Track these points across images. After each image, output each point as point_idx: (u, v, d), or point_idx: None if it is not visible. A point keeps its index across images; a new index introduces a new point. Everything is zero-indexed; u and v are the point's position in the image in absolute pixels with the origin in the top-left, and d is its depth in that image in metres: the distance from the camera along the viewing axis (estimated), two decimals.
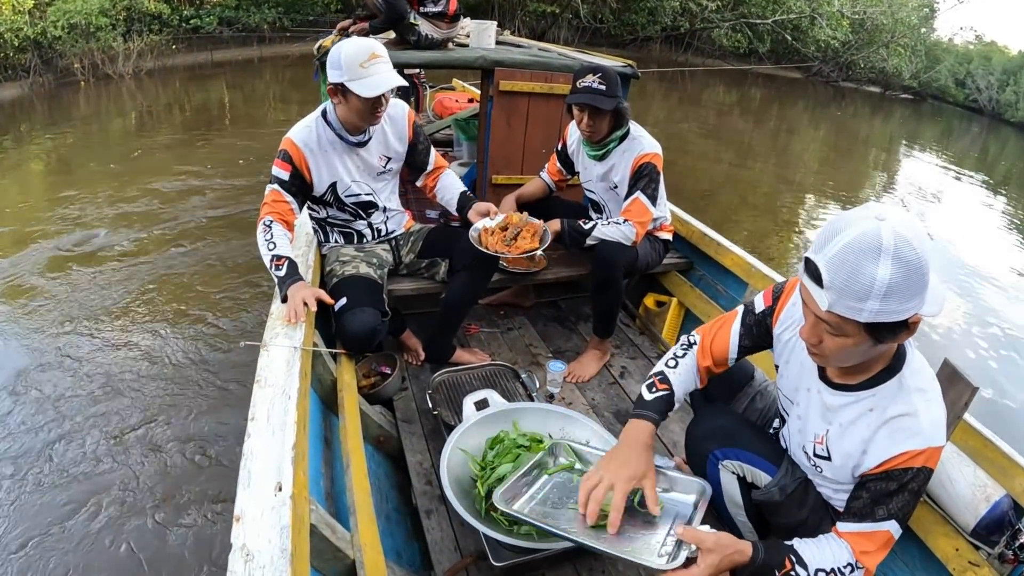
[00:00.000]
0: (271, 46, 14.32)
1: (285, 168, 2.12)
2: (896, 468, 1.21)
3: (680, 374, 1.55)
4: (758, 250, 5.93)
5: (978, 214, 9.38)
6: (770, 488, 1.49)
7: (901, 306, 1.04)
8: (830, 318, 1.10)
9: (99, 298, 3.90)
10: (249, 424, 1.33)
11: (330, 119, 2.18)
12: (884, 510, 1.24)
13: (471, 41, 3.29)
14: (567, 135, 2.73)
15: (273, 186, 2.12)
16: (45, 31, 9.43)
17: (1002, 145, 18.64)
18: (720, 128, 12.58)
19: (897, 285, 1.01)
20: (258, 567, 1.02)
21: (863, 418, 1.27)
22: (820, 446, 1.38)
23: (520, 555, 1.61)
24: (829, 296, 1.06)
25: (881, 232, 1.01)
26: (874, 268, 1.01)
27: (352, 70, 1.99)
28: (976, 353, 4.66)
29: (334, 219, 2.38)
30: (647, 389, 1.53)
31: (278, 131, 7.98)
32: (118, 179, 6.01)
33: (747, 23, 21.42)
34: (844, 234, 1.04)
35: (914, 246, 1.01)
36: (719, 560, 1.21)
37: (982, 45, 31.09)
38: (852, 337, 1.11)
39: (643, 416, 1.47)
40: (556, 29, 19.50)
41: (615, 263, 2.46)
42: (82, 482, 2.58)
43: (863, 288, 1.02)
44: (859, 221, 1.04)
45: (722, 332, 1.57)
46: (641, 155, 2.47)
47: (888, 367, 1.26)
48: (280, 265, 1.96)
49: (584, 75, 2.35)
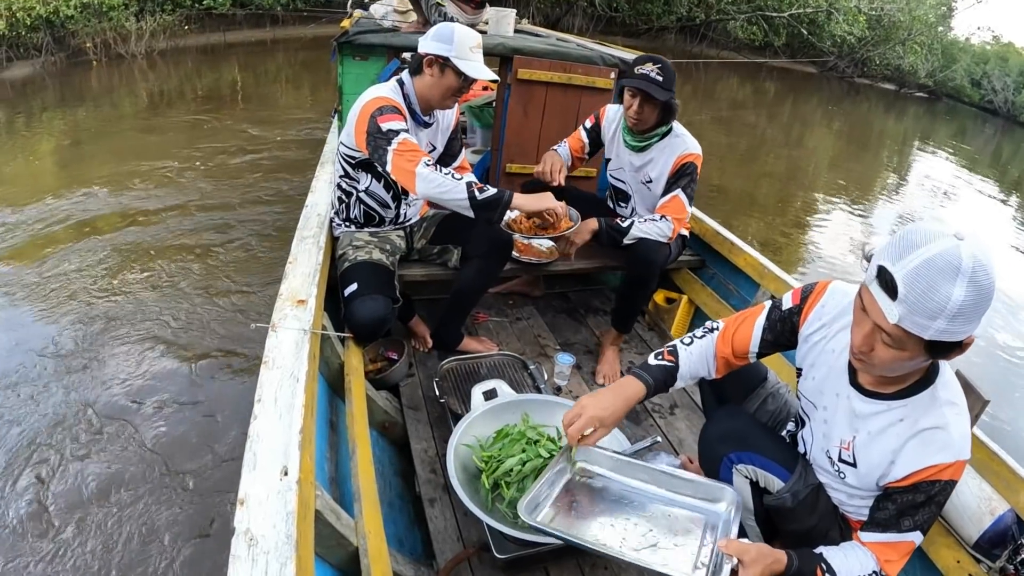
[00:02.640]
0: (284, 28, 14.22)
1: (400, 119, 2.04)
2: (924, 480, 1.21)
3: (691, 353, 1.56)
4: (768, 247, 5.89)
5: (990, 216, 9.30)
6: (782, 494, 1.47)
7: (965, 327, 1.04)
8: (894, 331, 1.08)
9: (106, 272, 3.90)
10: (256, 406, 1.32)
11: (407, 91, 2.16)
12: (910, 521, 1.24)
13: (490, 28, 3.25)
14: (604, 115, 2.69)
15: (403, 135, 1.99)
16: (58, 10, 9.38)
17: (1016, 146, 18.45)
18: (733, 121, 12.46)
19: (967, 308, 1.01)
20: (262, 552, 1.00)
21: (893, 428, 1.26)
22: (847, 452, 1.36)
23: (523, 548, 1.61)
24: (900, 309, 1.05)
25: (962, 253, 1.00)
26: (950, 288, 1.00)
27: (462, 50, 2.03)
28: (987, 362, 4.62)
29: (371, 194, 2.32)
30: (654, 356, 1.57)
31: (290, 114, 8.04)
32: (129, 157, 5.99)
33: (763, 16, 21.19)
34: (924, 249, 1.03)
35: (989, 272, 1.01)
36: (760, 571, 1.22)
37: (999, 46, 30.71)
38: (909, 351, 1.11)
39: (640, 377, 1.51)
40: (571, 17, 19.32)
41: (653, 261, 2.47)
42: (73, 463, 2.58)
43: (936, 307, 1.01)
44: (939, 238, 1.03)
45: (746, 324, 1.56)
46: (685, 154, 2.46)
47: (923, 379, 1.25)
48: (484, 187, 1.98)
49: (644, 63, 2.34)
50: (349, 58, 2.92)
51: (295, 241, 2.13)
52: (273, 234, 4.63)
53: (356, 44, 2.84)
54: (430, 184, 1.93)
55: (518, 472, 1.68)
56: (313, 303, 1.76)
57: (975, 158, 14.41)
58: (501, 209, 1.98)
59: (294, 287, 1.82)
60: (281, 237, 4.52)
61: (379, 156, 2.00)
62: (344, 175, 2.29)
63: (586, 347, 2.81)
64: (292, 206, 4.91)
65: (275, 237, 4.58)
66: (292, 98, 9.50)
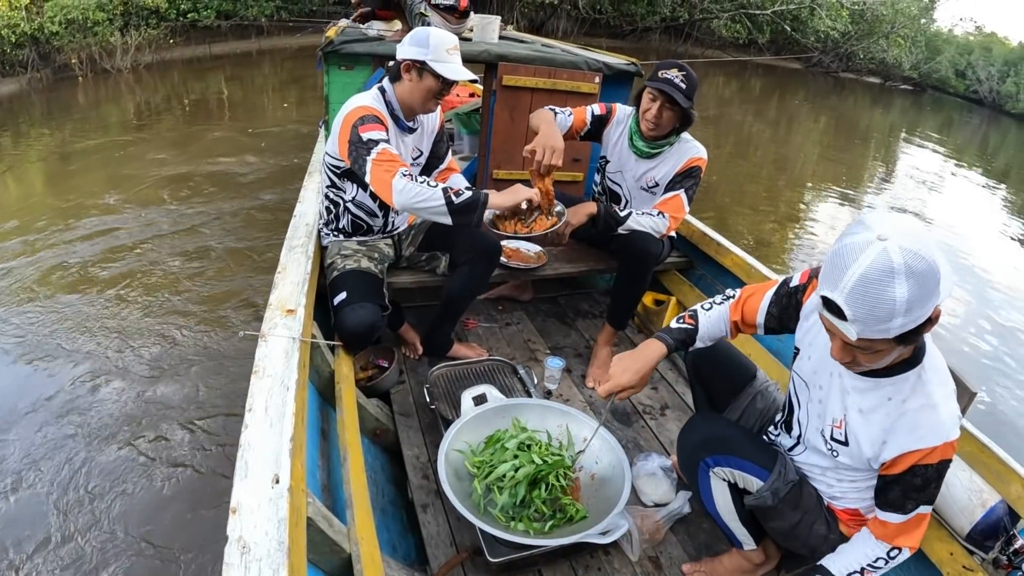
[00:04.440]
0: (269, 38, 14.22)
1: (380, 128, 2.04)
2: (919, 464, 1.26)
3: (710, 317, 1.67)
4: (758, 244, 5.92)
5: (977, 207, 9.37)
6: (762, 493, 1.50)
7: (923, 311, 1.07)
8: (860, 343, 1.12)
9: (95, 290, 3.90)
10: (247, 415, 1.33)
11: (389, 98, 2.17)
12: (914, 503, 1.30)
13: (475, 35, 3.28)
14: (615, 113, 2.62)
15: (382, 145, 1.99)
16: (42, 27, 9.36)
17: (1003, 136, 18.60)
18: (720, 119, 12.53)
19: (916, 297, 1.04)
20: (254, 560, 1.02)
21: (882, 407, 1.30)
22: (839, 430, 1.40)
23: (516, 551, 1.62)
24: (856, 327, 1.08)
25: (890, 254, 1.03)
26: (892, 291, 1.03)
27: (439, 52, 2.03)
28: (973, 353, 4.66)
29: (359, 204, 2.32)
30: (676, 320, 1.69)
31: (278, 124, 8.04)
32: (116, 173, 5.98)
33: (746, 13, 21.28)
34: (855, 267, 1.06)
35: (923, 255, 1.03)
36: None
37: (982, 36, 31.04)
38: (884, 350, 1.15)
39: (660, 338, 1.62)
40: (555, 20, 19.37)
41: (649, 252, 2.47)
42: (66, 470, 2.59)
43: (887, 312, 1.05)
44: (864, 248, 1.06)
45: (756, 295, 1.64)
46: (694, 158, 2.48)
47: (909, 359, 1.28)
48: (460, 191, 1.95)
49: (669, 68, 2.32)
50: (335, 68, 2.93)
51: (284, 251, 2.14)
52: (261, 245, 4.64)
53: (342, 53, 2.85)
54: (406, 195, 1.92)
55: (511, 478, 1.70)
56: (302, 312, 1.77)
57: (963, 149, 14.52)
58: (479, 211, 1.96)
59: (283, 296, 1.84)
60: (269, 248, 4.53)
61: (360, 166, 2.00)
62: (331, 185, 2.30)
63: (576, 350, 2.83)
64: (281, 215, 4.92)
65: (263, 248, 4.58)
66: (279, 108, 9.49)
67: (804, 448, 1.55)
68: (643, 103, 2.41)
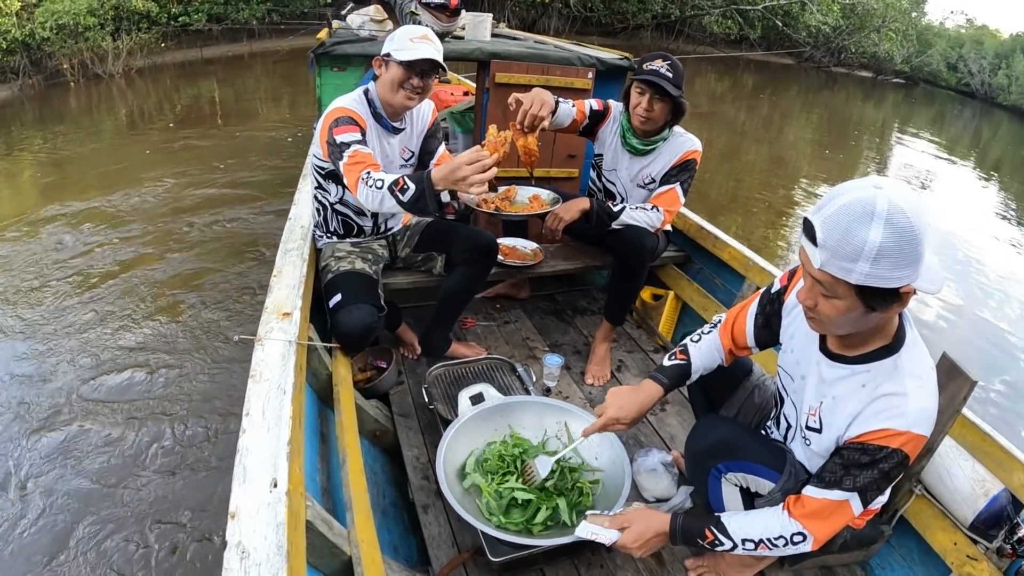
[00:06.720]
0: (261, 41, 14.19)
1: (354, 130, 2.01)
2: (872, 443, 1.24)
3: (701, 348, 1.65)
4: (752, 239, 5.93)
5: (971, 199, 9.40)
6: (773, 494, 1.47)
7: (892, 273, 1.05)
8: (822, 277, 1.12)
9: (89, 296, 3.89)
10: (244, 419, 1.33)
11: (372, 97, 2.17)
12: (851, 481, 1.27)
13: (467, 33, 3.27)
14: (611, 110, 2.60)
15: (353, 147, 1.96)
16: (33, 33, 9.33)
17: (995, 128, 18.66)
18: (713, 115, 12.54)
19: (888, 250, 1.03)
20: (254, 564, 1.01)
21: (855, 394, 1.29)
22: (813, 418, 1.39)
23: (517, 551, 1.62)
24: (822, 255, 1.09)
25: (876, 198, 1.04)
26: (866, 231, 1.03)
27: (402, 42, 2.03)
28: (972, 343, 4.66)
29: (345, 203, 2.31)
30: (668, 357, 1.68)
31: (270, 128, 8.02)
32: (109, 178, 5.96)
33: (737, 9, 21.33)
34: (841, 197, 1.07)
35: (908, 215, 1.03)
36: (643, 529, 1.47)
37: (974, 29, 31.13)
38: (844, 300, 1.13)
39: (655, 378, 1.63)
40: (547, 19, 19.39)
41: (644, 247, 2.46)
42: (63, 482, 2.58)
43: (854, 249, 1.04)
44: (858, 188, 1.07)
45: (742, 314, 1.63)
46: (690, 151, 2.47)
47: (887, 346, 1.26)
48: (404, 185, 1.84)
49: (652, 60, 2.31)
50: (327, 69, 2.91)
51: (279, 254, 2.13)
52: (256, 250, 4.63)
53: (334, 55, 2.83)
54: (369, 202, 1.90)
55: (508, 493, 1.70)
56: (298, 315, 1.77)
57: (955, 141, 14.56)
58: (429, 197, 1.84)
59: (279, 300, 1.83)
60: (265, 252, 4.52)
61: (337, 168, 2.01)
62: (318, 186, 2.29)
63: (574, 347, 2.83)
64: (275, 218, 4.91)
65: (258, 252, 4.57)
66: (272, 111, 9.47)
67: (792, 440, 1.54)
68: (632, 99, 2.40)
